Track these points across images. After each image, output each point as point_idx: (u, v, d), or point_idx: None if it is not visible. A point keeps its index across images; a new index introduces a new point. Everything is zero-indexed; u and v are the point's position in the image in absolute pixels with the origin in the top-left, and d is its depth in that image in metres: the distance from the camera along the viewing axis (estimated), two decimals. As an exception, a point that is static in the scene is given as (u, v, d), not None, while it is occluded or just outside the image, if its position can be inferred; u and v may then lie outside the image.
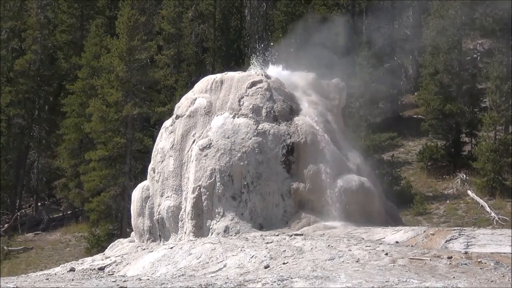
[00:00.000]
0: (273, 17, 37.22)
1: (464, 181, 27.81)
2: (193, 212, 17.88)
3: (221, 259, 13.99)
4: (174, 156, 18.82)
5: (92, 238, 27.94)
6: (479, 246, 13.87)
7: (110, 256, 18.14)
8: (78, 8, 36.76)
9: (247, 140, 17.99)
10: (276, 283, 11.03)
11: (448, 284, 10.28)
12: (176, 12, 34.89)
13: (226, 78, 19.34)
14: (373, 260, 12.53)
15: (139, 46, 29.23)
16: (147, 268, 14.88)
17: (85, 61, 32.37)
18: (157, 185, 19.07)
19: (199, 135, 18.61)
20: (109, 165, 28.64)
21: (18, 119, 35.73)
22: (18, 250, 29.91)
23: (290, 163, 17.98)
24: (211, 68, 35.10)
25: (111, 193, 28.07)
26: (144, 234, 19.22)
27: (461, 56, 30.72)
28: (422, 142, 31.26)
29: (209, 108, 18.88)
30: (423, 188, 28.30)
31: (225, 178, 17.78)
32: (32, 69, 35.92)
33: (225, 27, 36.37)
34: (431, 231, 15.24)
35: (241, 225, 17.41)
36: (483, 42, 37.85)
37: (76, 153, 32.41)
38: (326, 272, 11.67)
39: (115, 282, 12.83)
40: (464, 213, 25.74)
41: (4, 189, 34.33)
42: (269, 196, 17.76)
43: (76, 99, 32.32)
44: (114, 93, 28.87)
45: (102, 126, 28.77)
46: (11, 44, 37.38)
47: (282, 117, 18.46)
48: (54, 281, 14.28)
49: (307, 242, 14.35)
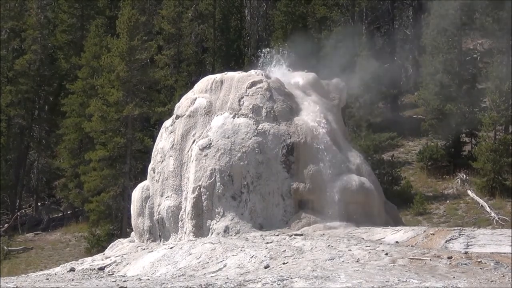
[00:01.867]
0: (273, 17, 37.21)
1: (464, 181, 27.80)
2: (193, 212, 17.89)
3: (221, 259, 13.99)
4: (174, 156, 18.82)
5: (92, 238, 27.94)
6: (479, 246, 13.87)
7: (110, 256, 18.14)
8: (79, 8, 36.76)
9: (247, 140, 18.00)
10: (276, 283, 11.03)
11: (448, 284, 10.28)
12: (176, 12, 34.87)
13: (226, 78, 19.34)
14: (373, 260, 12.53)
15: (139, 46, 29.24)
16: (147, 268, 14.88)
17: (85, 61, 32.38)
18: (157, 185, 19.07)
19: (199, 135, 18.61)
20: (109, 165, 28.64)
21: (18, 119, 35.71)
22: (18, 250, 29.91)
23: (290, 163, 17.98)
24: (211, 68, 35.09)
25: (111, 193, 28.06)
26: (144, 234, 19.22)
27: (461, 56, 30.72)
28: (422, 142, 31.26)
29: (209, 108, 18.88)
30: (423, 188, 28.30)
31: (225, 178, 17.78)
32: (32, 69, 35.91)
33: (225, 27, 36.36)
34: (431, 231, 15.24)
35: (241, 225, 17.41)
36: (483, 42, 37.86)
37: (76, 153, 32.41)
38: (326, 272, 11.67)
39: (115, 282, 12.83)
40: (464, 213, 25.74)
41: (4, 189, 34.33)
42: (269, 196, 17.77)
43: (76, 99, 32.33)
44: (115, 93, 28.87)
45: (102, 126, 28.78)
46: (11, 44, 37.36)
47: (282, 117, 18.46)
48: (54, 281, 14.28)
49: (307, 242, 14.35)
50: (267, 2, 40.65)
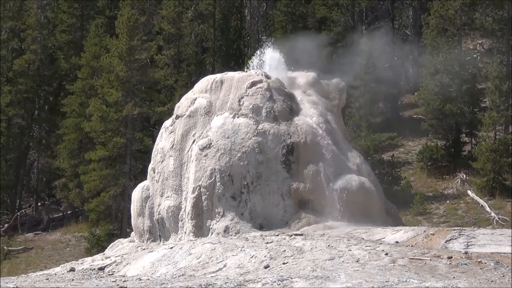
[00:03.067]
0: (273, 17, 37.20)
1: (464, 181, 27.79)
2: (193, 212, 17.88)
3: (221, 259, 13.99)
4: (174, 156, 18.82)
5: (92, 238, 27.94)
6: (479, 246, 13.86)
7: (110, 256, 18.14)
8: (78, 8, 36.77)
9: (247, 140, 18.00)
10: (276, 283, 11.03)
11: (448, 284, 10.28)
12: (176, 12, 34.86)
13: (226, 78, 19.34)
14: (373, 260, 12.52)
15: (139, 46, 29.23)
16: (147, 268, 14.88)
17: (85, 61, 32.38)
18: (157, 185, 19.07)
19: (199, 135, 18.61)
20: (109, 165, 28.63)
21: (18, 119, 35.71)
22: (18, 250, 29.91)
23: (290, 163, 17.99)
24: (211, 68, 35.09)
25: (111, 193, 28.05)
26: (144, 234, 19.22)
27: (461, 56, 30.71)
28: (422, 142, 31.24)
29: (209, 108, 18.88)
30: (423, 188, 28.29)
31: (225, 178, 17.78)
32: (31, 69, 35.92)
33: (225, 27, 36.35)
34: (431, 231, 15.24)
35: (241, 225, 17.41)
36: (483, 42, 37.85)
37: (76, 153, 32.41)
38: (326, 272, 11.66)
39: (115, 282, 12.83)
40: (464, 213, 25.73)
41: (4, 189, 34.34)
42: (269, 196, 17.77)
43: (76, 99, 32.33)
44: (114, 93, 28.86)
45: (102, 126, 28.77)
46: (11, 44, 37.35)
47: (282, 117, 18.46)
48: (54, 281, 14.29)
49: (307, 242, 14.35)
50: (267, 2, 40.64)
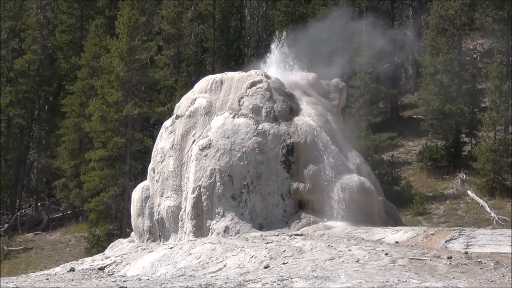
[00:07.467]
0: (273, 17, 37.20)
1: (464, 181, 27.80)
2: (193, 212, 17.88)
3: (221, 259, 13.98)
4: (174, 156, 18.81)
5: (92, 238, 27.93)
6: (479, 246, 13.86)
7: (110, 256, 18.13)
8: (78, 8, 36.76)
9: (247, 140, 17.99)
10: (276, 283, 11.02)
11: (448, 284, 10.27)
12: (176, 12, 34.88)
13: (226, 78, 19.34)
14: (373, 260, 12.52)
15: (139, 46, 29.24)
16: (147, 268, 14.88)
17: (85, 61, 32.37)
18: (157, 185, 19.07)
19: (199, 135, 18.61)
20: (109, 165, 28.63)
21: (18, 119, 35.72)
22: (18, 250, 29.92)
23: (290, 163, 17.98)
24: (211, 68, 35.11)
25: (111, 193, 28.06)
26: (144, 234, 19.22)
27: (461, 56, 30.71)
28: (422, 142, 31.25)
29: (209, 108, 18.88)
30: (423, 188, 28.29)
31: (225, 178, 17.78)
32: (32, 69, 35.94)
33: (225, 27, 36.36)
34: (431, 231, 15.23)
35: (241, 225, 17.41)
36: (483, 42, 37.86)
37: (76, 153, 32.42)
38: (326, 272, 11.66)
39: (115, 282, 12.82)
40: (464, 213, 25.74)
41: (4, 189, 34.34)
42: (269, 196, 17.76)
43: (76, 99, 32.32)
44: (114, 93, 28.87)
45: (102, 126, 28.77)
46: (11, 44, 37.37)
47: (282, 117, 18.46)
48: (54, 281, 14.28)
49: (307, 242, 14.34)
50: (267, 2, 40.62)
